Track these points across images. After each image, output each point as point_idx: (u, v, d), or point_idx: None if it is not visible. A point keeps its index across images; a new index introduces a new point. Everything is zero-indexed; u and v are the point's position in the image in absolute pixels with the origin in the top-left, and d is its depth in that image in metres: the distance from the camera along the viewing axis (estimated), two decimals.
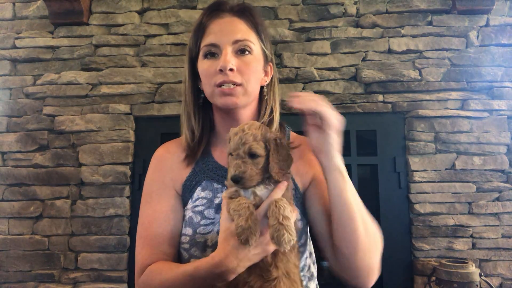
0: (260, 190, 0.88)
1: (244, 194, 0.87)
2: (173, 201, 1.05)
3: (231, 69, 0.97)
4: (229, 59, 0.97)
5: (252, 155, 0.85)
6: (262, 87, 1.08)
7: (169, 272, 0.91)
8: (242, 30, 1.00)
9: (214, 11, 1.03)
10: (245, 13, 1.03)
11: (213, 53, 1.00)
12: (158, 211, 1.03)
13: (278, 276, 0.84)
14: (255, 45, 1.02)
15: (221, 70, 0.97)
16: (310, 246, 1.09)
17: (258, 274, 0.84)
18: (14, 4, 2.44)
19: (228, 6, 1.04)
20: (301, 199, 1.05)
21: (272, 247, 0.82)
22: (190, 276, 0.86)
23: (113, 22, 2.39)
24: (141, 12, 2.41)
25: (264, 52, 1.05)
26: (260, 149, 0.86)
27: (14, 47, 2.38)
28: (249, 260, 0.81)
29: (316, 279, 1.09)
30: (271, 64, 1.09)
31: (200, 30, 1.03)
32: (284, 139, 0.89)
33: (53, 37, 2.39)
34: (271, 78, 1.09)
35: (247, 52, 1.00)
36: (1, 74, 2.37)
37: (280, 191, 0.86)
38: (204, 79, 1.03)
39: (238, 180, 0.84)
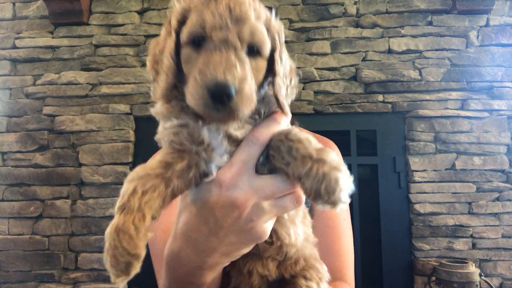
0: (238, 129, 0.48)
1: (208, 134, 0.47)
2: None
3: None
4: None
5: (252, 50, 0.44)
6: None
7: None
8: None
9: None
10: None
11: None
12: None
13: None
14: None
15: None
16: None
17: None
18: (14, 4, 2.44)
19: None
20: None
21: (263, 235, 0.49)
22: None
23: (113, 22, 2.39)
24: (141, 12, 2.41)
25: None
26: (267, 40, 0.45)
27: (14, 47, 2.38)
28: (227, 254, 0.52)
29: None
30: None
31: None
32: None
33: (53, 37, 2.38)
34: None
35: None
36: (1, 74, 2.37)
37: (277, 124, 0.48)
38: None
39: (229, 96, 0.40)
